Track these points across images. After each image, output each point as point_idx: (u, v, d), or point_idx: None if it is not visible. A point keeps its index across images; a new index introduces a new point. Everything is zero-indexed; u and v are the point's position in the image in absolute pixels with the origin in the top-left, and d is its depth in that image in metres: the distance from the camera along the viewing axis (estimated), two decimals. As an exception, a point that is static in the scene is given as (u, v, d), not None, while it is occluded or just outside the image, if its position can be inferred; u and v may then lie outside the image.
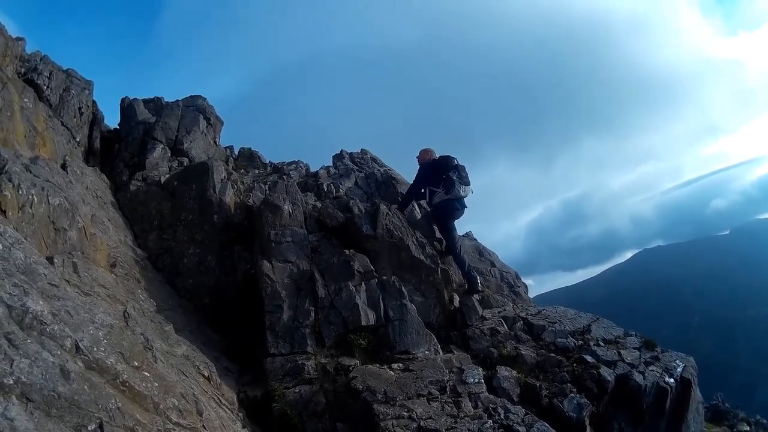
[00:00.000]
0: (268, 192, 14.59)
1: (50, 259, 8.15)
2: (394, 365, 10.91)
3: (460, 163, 14.53)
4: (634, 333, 13.22)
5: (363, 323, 11.57)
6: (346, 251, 12.70)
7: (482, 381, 10.82)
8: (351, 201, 14.44)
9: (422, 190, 14.90)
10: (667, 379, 11.47)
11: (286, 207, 13.37)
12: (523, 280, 18.66)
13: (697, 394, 11.99)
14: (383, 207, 13.84)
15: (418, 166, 15.14)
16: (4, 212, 7.78)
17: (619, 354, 12.03)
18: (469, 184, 14.37)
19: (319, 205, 14.53)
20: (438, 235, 14.65)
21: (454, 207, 14.25)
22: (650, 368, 11.69)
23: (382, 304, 11.94)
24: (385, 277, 12.43)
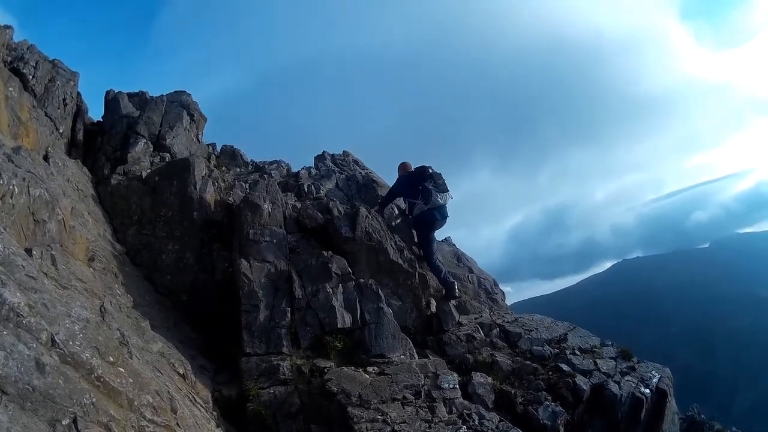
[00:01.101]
0: (248, 191, 14.61)
1: (29, 251, 8.11)
2: (370, 368, 10.95)
3: (436, 171, 14.67)
4: (610, 343, 13.33)
5: (339, 325, 11.61)
6: (325, 253, 12.71)
7: (457, 387, 10.87)
8: (331, 203, 14.48)
9: (397, 199, 15.37)
10: (642, 389, 11.56)
11: (266, 206, 13.38)
12: (502, 287, 18.73)
13: (672, 404, 12.11)
14: (363, 210, 13.89)
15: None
16: (-16, 202, 7.75)
17: (595, 363, 12.14)
18: (446, 191, 14.48)
19: (299, 205, 14.52)
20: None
21: (434, 217, 14.36)
22: (626, 378, 11.81)
23: (358, 307, 11.97)
24: (362, 280, 12.45)
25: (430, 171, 14.61)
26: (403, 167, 15.81)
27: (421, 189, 14.33)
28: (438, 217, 14.39)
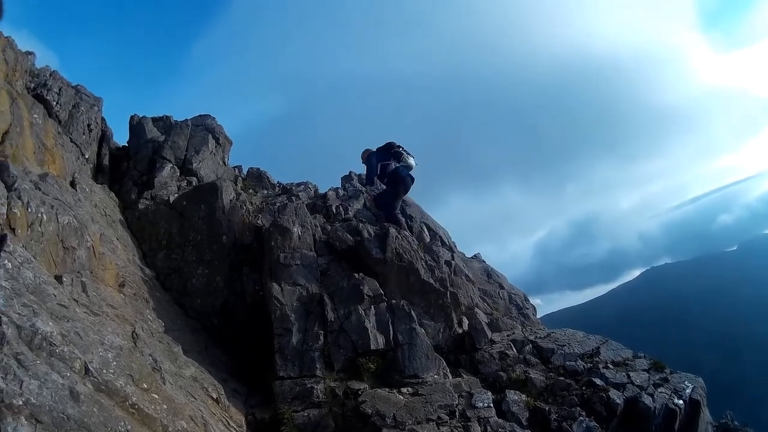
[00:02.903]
0: (277, 214, 14.42)
1: (59, 278, 8.08)
2: (404, 389, 10.83)
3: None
4: (642, 355, 13.15)
5: (372, 347, 11.50)
6: (356, 275, 12.60)
7: (491, 405, 10.74)
8: (360, 224, 14.41)
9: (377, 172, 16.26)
10: (676, 400, 11.39)
11: (296, 230, 13.33)
12: (531, 299, 18.58)
13: (706, 414, 11.92)
14: (393, 230, 13.79)
15: (365, 164, 16.51)
16: (14, 230, 7.71)
17: (629, 376, 11.96)
18: (413, 156, 16.20)
19: (328, 227, 14.50)
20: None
21: (404, 173, 15.78)
22: (659, 390, 11.62)
23: (391, 328, 11.86)
24: (394, 301, 12.33)
25: (397, 144, 16.28)
26: (366, 152, 16.74)
27: (393, 153, 16.06)
28: (406, 173, 15.85)
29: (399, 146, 16.27)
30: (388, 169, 15.94)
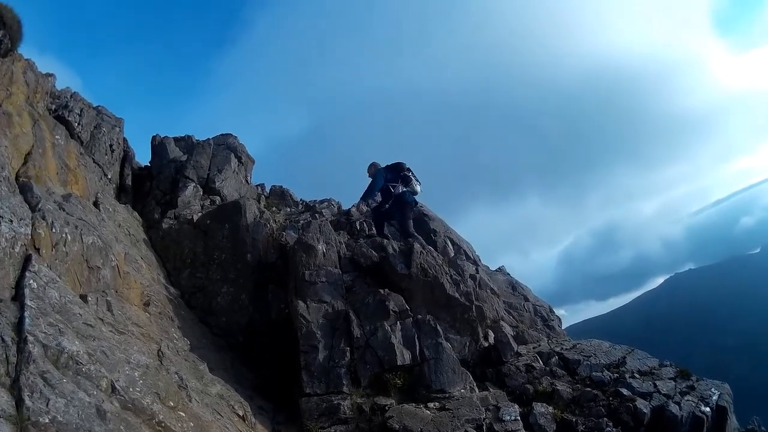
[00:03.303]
0: (301, 231, 14.52)
1: (84, 297, 8.12)
2: (431, 404, 10.81)
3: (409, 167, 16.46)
4: (669, 363, 13.07)
5: (399, 362, 11.44)
6: (381, 291, 12.56)
7: (518, 418, 10.72)
8: (385, 240, 14.45)
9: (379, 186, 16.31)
10: (702, 408, 11.31)
11: (320, 247, 13.34)
12: (556, 310, 18.51)
13: (732, 421, 11.83)
14: (417, 246, 13.75)
15: (371, 177, 16.54)
16: (38, 250, 7.76)
17: (655, 385, 11.89)
18: (420, 183, 16.33)
19: (352, 244, 14.49)
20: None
21: (409, 198, 15.96)
22: (686, 398, 11.56)
23: (417, 343, 11.81)
24: (420, 316, 12.28)
25: (407, 166, 16.37)
26: (373, 166, 16.81)
27: (402, 176, 16.07)
28: (412, 199, 16.13)
29: (409, 169, 16.43)
30: (394, 190, 16.03)
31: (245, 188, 19.15)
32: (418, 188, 16.23)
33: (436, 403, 10.84)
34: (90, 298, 8.29)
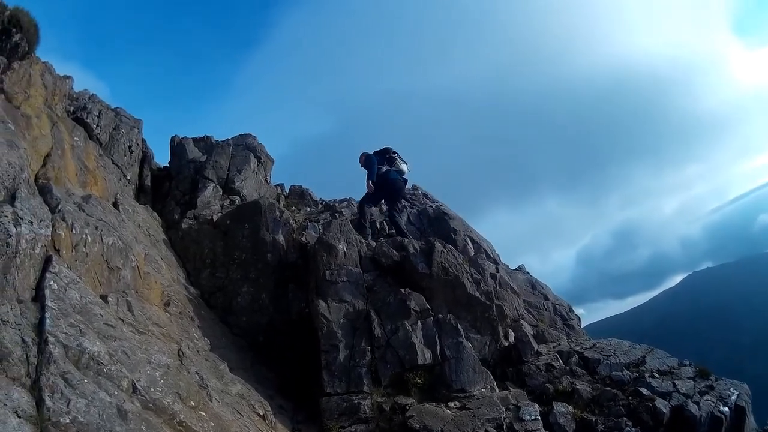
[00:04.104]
0: (322, 231, 14.62)
1: (104, 298, 8.16)
2: (451, 403, 10.81)
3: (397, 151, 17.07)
4: (688, 362, 13.02)
5: (420, 362, 11.42)
6: (402, 290, 12.54)
7: (539, 418, 10.72)
8: (406, 239, 14.43)
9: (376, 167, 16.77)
10: (721, 408, 11.29)
11: (341, 246, 13.34)
12: (575, 309, 18.47)
13: (751, 421, 11.81)
14: (438, 245, 13.70)
15: (364, 167, 16.88)
16: (59, 251, 7.79)
17: (674, 385, 11.86)
18: (407, 163, 16.90)
19: (373, 243, 14.49)
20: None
21: (394, 177, 16.43)
22: (705, 398, 11.53)
23: (438, 343, 11.79)
24: (440, 316, 12.26)
25: (393, 149, 16.99)
26: (363, 155, 17.17)
27: (387, 158, 16.68)
28: (398, 176, 16.53)
29: (394, 152, 16.90)
30: (380, 172, 16.41)
31: (265, 188, 19.23)
32: (404, 167, 16.74)
33: (457, 403, 10.82)
34: (110, 299, 8.33)
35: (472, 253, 15.61)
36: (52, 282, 6.80)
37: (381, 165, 16.60)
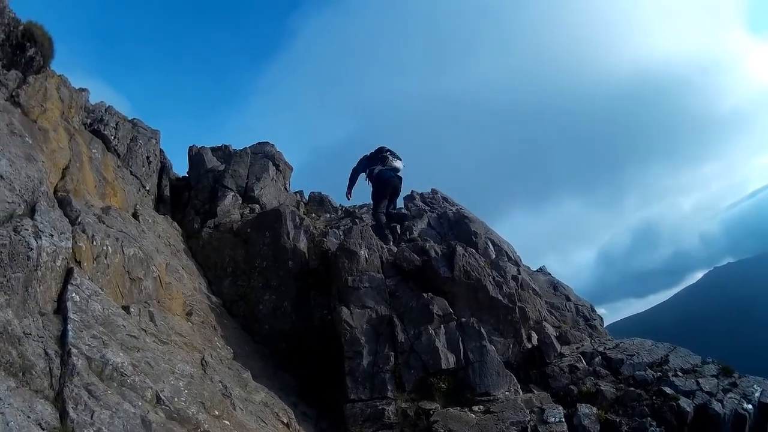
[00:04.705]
0: (343, 237, 14.60)
1: (126, 309, 8.20)
2: (475, 407, 10.78)
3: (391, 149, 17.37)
4: (711, 360, 12.96)
5: (443, 366, 11.41)
6: (425, 295, 12.51)
7: (563, 420, 10.66)
8: (427, 244, 14.36)
9: (359, 174, 17.63)
10: (745, 405, 11.25)
11: (363, 252, 13.35)
12: (597, 309, 18.41)
13: (775, 418, 11.70)
14: (459, 248, 13.65)
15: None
16: (80, 263, 7.81)
17: (698, 383, 11.81)
18: (400, 159, 17.21)
19: (394, 249, 14.49)
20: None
21: (388, 175, 16.85)
22: (728, 395, 11.48)
23: (461, 347, 11.76)
24: (464, 319, 12.23)
25: (387, 148, 17.27)
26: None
27: (380, 157, 17.06)
28: (392, 175, 16.92)
29: (387, 150, 17.20)
30: (374, 172, 16.92)
31: (284, 196, 19.28)
32: (396, 164, 17.02)
33: (481, 407, 10.80)
34: (132, 310, 8.36)
35: (494, 256, 15.60)
36: (74, 294, 6.81)
37: (375, 165, 16.98)
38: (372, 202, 17.44)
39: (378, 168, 16.84)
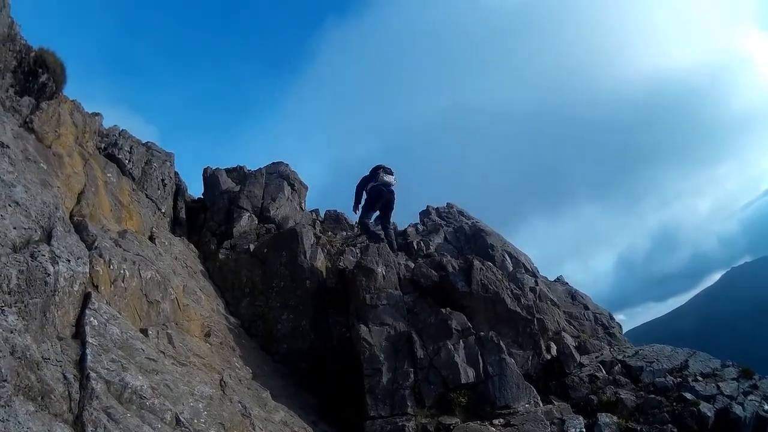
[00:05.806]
0: (360, 255, 14.63)
1: (144, 332, 8.22)
2: (496, 421, 10.75)
3: (387, 166, 17.77)
4: (731, 363, 12.94)
5: (463, 381, 11.40)
6: (443, 310, 12.52)
7: (584, 430, 10.67)
8: (444, 259, 14.37)
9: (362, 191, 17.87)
10: (765, 407, 11.26)
11: (380, 270, 13.36)
12: (615, 316, 18.41)
13: (795, 419, 11.64)
14: (477, 263, 13.68)
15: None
16: (97, 287, 7.84)
17: (718, 387, 11.82)
18: (392, 174, 17.53)
19: (411, 264, 14.53)
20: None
21: (380, 190, 17.27)
22: (749, 398, 11.49)
23: (481, 361, 11.76)
24: (482, 333, 12.23)
25: (381, 165, 17.72)
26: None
27: (374, 174, 17.51)
28: (383, 189, 17.31)
29: (380, 167, 17.68)
30: (367, 187, 17.54)
31: (300, 215, 19.35)
32: (386, 179, 17.39)
33: (501, 420, 10.77)
34: (151, 332, 8.38)
35: (511, 268, 15.61)
36: (92, 318, 6.85)
37: (370, 182, 17.53)
38: (360, 211, 17.79)
39: (371, 184, 17.43)
